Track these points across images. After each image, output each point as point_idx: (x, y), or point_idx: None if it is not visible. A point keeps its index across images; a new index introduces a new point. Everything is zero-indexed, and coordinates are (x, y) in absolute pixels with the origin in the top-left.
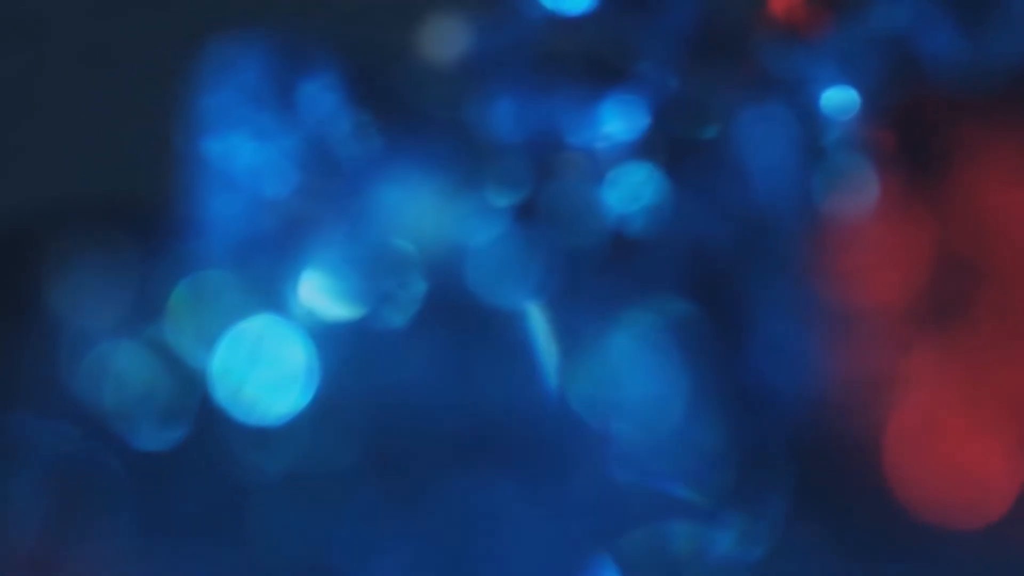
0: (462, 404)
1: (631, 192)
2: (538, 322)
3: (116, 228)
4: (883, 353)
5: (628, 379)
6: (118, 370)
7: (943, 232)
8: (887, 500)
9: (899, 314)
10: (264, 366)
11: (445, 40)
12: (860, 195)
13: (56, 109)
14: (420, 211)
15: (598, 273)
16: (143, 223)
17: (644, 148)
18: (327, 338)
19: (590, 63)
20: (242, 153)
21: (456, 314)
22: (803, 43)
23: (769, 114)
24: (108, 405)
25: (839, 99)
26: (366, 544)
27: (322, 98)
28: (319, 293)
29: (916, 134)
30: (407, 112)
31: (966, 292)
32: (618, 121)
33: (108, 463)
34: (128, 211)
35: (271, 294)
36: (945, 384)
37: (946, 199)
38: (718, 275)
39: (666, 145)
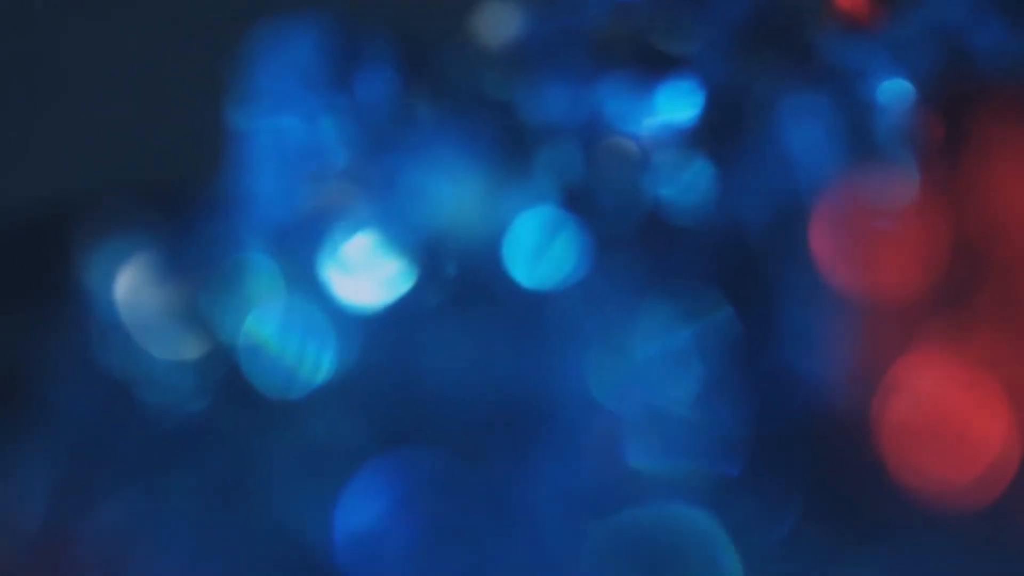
0: (488, 384)
1: (676, 179)
2: (571, 306)
3: (160, 205)
4: (899, 339)
5: (653, 363)
6: (152, 343)
7: (981, 224)
8: (892, 482)
9: (924, 302)
10: (293, 341)
11: (498, 23)
12: (904, 185)
13: (108, 88)
14: (464, 193)
15: (635, 258)
16: (187, 201)
17: (693, 135)
18: (360, 316)
19: (643, 49)
20: (291, 133)
21: (489, 297)
22: (860, 34)
23: (819, 104)
24: (138, 378)
25: (893, 90)
26: (386, 519)
27: (374, 79)
28: (356, 272)
29: (965, 126)
30: (458, 94)
31: (1001, 285)
32: (669, 108)
33: (135, 434)
34: (174, 189)
35: (307, 271)
36: (952, 370)
37: (989, 191)
38: (750, 262)
39: (715, 133)
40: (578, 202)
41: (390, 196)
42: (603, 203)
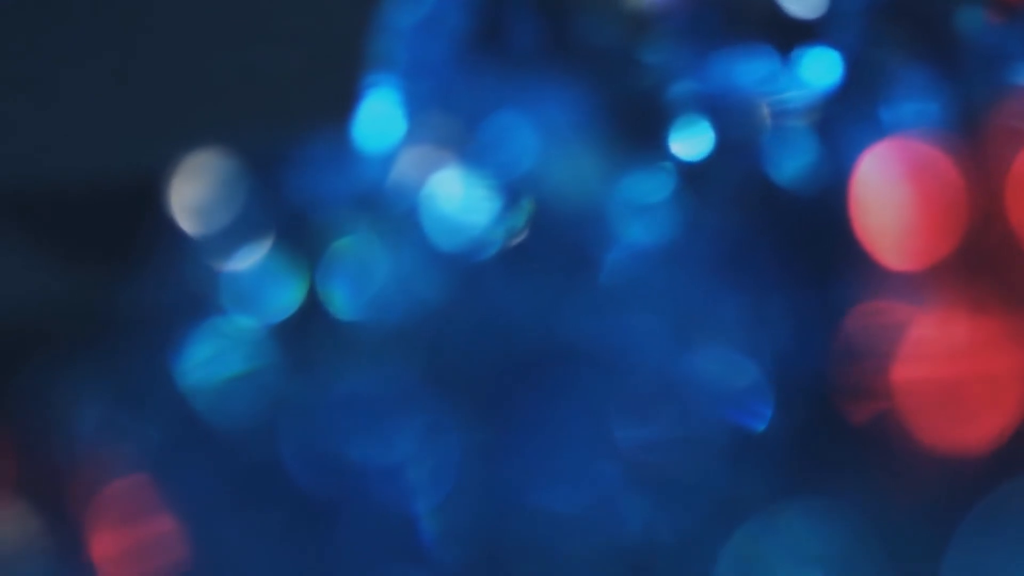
0: (543, 332)
1: (795, 148)
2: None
3: (262, 155)
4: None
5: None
6: (241, 283)
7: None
8: (911, 447)
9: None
10: (375, 276)
11: None
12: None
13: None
14: (577, 151)
15: (735, 227)
16: (289, 151)
17: (819, 106)
18: (434, 263)
19: (779, 20)
20: (417, 89)
21: (576, 254)
22: (1004, 15)
23: (948, 81)
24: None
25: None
26: (445, 453)
27: (510, 35)
28: (449, 219)
29: None
30: (589, 56)
31: None
32: (800, 80)
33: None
34: (278, 140)
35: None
36: (975, 337)
37: None
38: (827, 234)
39: (842, 107)
40: (695, 167)
41: (505, 150)
42: (719, 170)
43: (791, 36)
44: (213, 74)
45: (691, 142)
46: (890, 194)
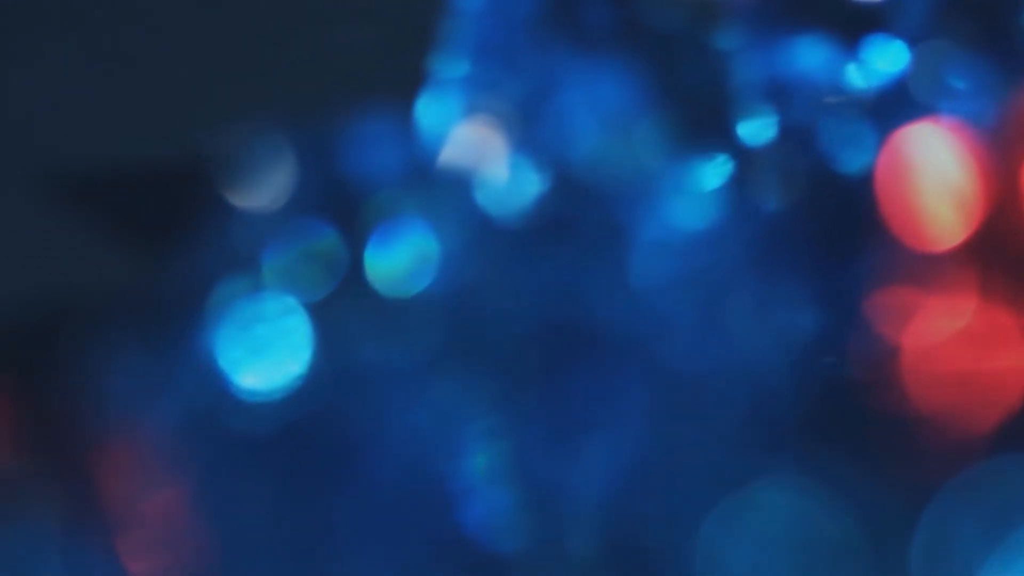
0: (583, 312)
1: (851, 140)
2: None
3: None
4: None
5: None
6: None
7: None
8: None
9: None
10: (416, 247)
11: None
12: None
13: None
14: (632, 137)
15: (784, 217)
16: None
17: (880, 97)
18: (482, 241)
19: (844, 7)
20: (483, 70)
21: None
22: None
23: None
24: (272, 275)
25: None
26: (476, 427)
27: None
28: (497, 195)
29: None
30: (655, 40)
31: None
32: (863, 69)
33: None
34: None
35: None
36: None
37: None
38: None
39: (904, 96)
40: (755, 153)
41: (563, 131)
42: (779, 157)
43: (856, 24)
44: (280, 51)
45: (753, 129)
46: (917, 177)
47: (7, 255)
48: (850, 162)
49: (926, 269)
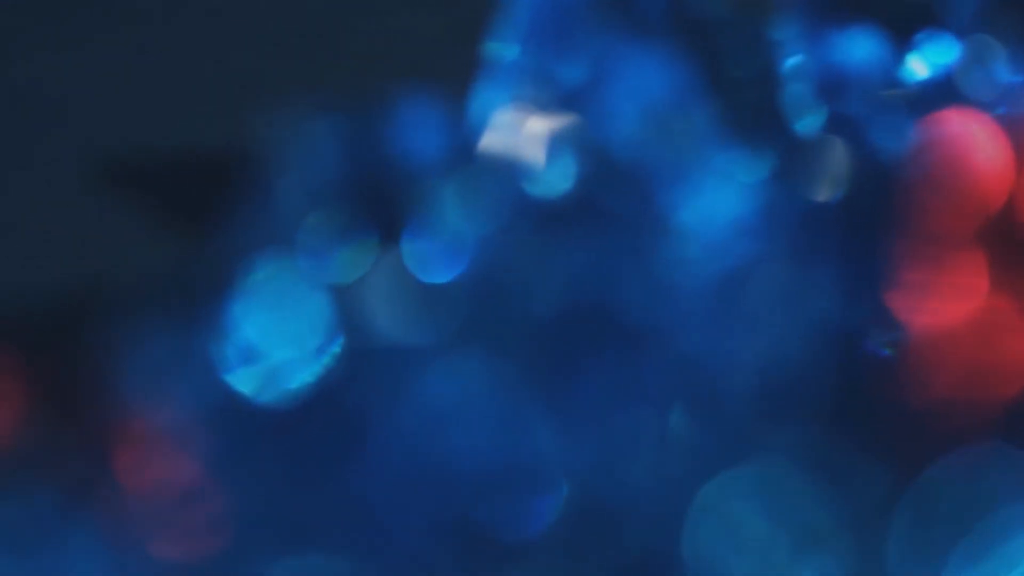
0: (604, 294)
1: (891, 132)
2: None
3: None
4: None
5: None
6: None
7: None
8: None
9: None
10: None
11: None
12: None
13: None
14: (678, 124)
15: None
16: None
17: (929, 90)
18: (521, 224)
19: (896, 2)
20: (536, 56)
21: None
22: None
23: None
24: (308, 250)
25: None
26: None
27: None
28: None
29: None
30: (707, 28)
31: None
32: (914, 62)
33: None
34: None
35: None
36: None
37: None
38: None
39: (953, 89)
40: (802, 144)
41: (611, 117)
42: (826, 148)
43: (905, 17)
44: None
45: (800, 120)
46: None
47: (45, 238)
48: (895, 155)
49: (950, 258)
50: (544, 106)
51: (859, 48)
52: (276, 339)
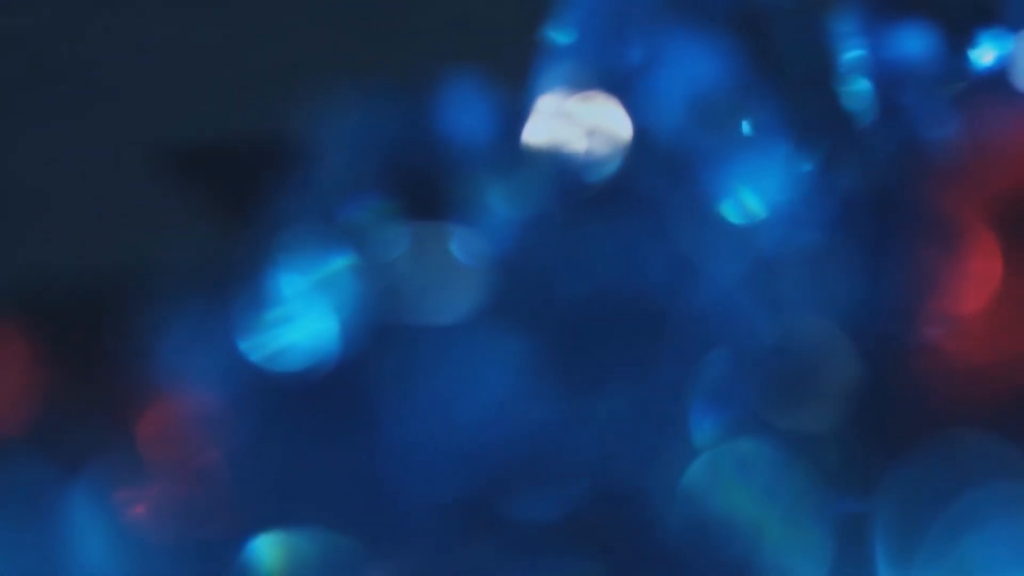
0: (637, 279)
1: (940, 125)
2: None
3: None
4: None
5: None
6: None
7: None
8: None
9: None
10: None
11: None
12: None
13: None
14: (728, 111)
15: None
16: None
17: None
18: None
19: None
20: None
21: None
22: None
23: None
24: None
25: None
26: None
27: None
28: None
29: None
30: (764, 17)
31: None
32: (970, 57)
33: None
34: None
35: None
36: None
37: None
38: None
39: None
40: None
41: (662, 103)
42: (875, 138)
43: (960, 11)
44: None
45: (852, 111)
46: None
47: (91, 219)
48: (947, 147)
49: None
50: (597, 92)
51: (916, 41)
52: (312, 317)
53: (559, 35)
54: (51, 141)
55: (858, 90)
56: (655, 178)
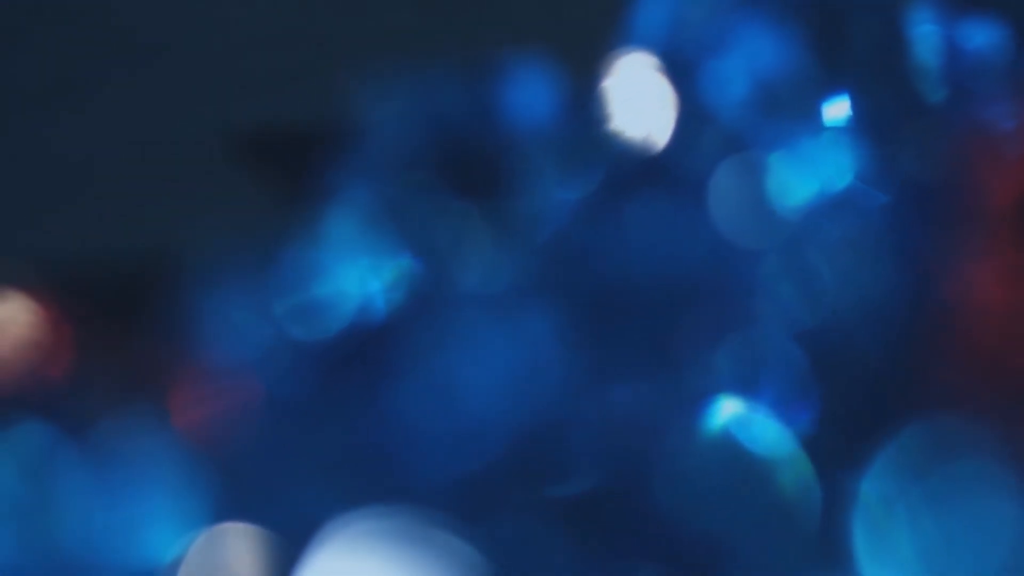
0: (677, 260)
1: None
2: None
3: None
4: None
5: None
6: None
7: None
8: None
9: None
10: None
11: None
12: None
13: None
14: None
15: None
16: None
17: None
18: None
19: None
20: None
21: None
22: None
23: None
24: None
25: None
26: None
27: None
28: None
29: None
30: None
31: None
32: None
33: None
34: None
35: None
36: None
37: None
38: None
39: None
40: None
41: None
42: (935, 134)
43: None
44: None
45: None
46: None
47: (138, 200)
48: (1007, 139)
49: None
50: (659, 72)
51: (985, 32)
52: (355, 291)
53: (625, 16)
54: (99, 117)
55: (926, 78)
56: (709, 160)
